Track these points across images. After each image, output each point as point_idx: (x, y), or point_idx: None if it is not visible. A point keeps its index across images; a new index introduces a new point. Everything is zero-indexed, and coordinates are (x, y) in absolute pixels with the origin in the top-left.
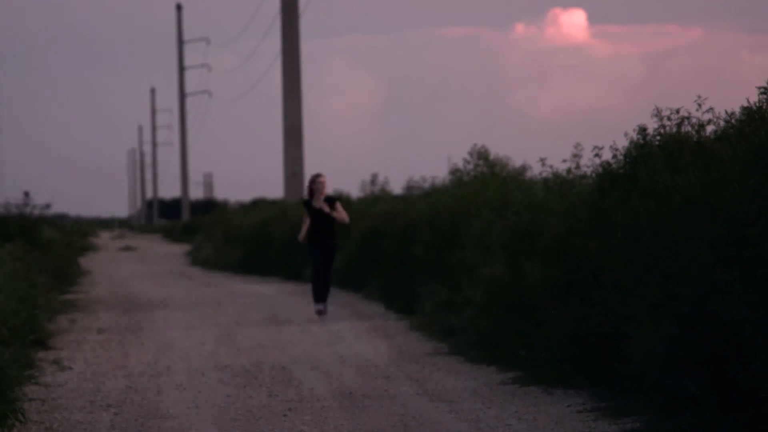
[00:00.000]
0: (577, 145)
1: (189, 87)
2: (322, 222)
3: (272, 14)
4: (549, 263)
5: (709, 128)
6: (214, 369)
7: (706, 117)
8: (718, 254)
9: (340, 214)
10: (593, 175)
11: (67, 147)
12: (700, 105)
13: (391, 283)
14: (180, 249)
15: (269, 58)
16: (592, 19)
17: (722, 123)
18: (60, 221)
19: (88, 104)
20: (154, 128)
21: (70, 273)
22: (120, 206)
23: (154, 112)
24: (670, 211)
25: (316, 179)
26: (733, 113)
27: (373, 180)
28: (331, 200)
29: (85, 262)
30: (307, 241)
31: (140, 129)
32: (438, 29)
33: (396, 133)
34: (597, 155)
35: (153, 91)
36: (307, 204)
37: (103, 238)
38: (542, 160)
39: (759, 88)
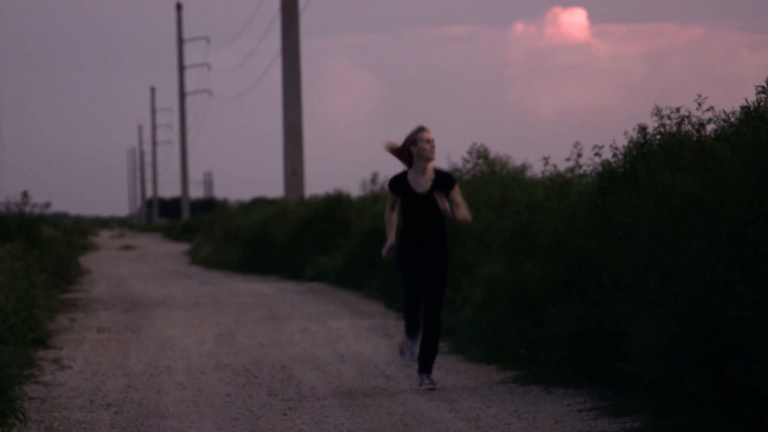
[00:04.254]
0: (576, 144)
1: (189, 86)
2: (429, 216)
3: (272, 13)
4: (549, 262)
5: (710, 127)
6: (214, 368)
7: (706, 116)
8: (718, 253)
9: (461, 209)
10: (593, 174)
11: (67, 146)
12: (700, 104)
13: (391, 282)
14: (180, 248)
15: (269, 57)
16: (592, 18)
17: (722, 122)
18: (60, 220)
19: (88, 103)
20: (154, 127)
21: (69, 272)
22: (120, 205)
23: (154, 111)
24: (670, 210)
25: (418, 136)
26: (733, 112)
27: (374, 179)
28: (445, 181)
29: (85, 261)
30: (398, 249)
31: (140, 128)
32: (438, 28)
33: (396, 132)
34: (597, 154)
35: (153, 90)
36: (400, 183)
37: (103, 237)
38: (545, 159)
39: (757, 87)
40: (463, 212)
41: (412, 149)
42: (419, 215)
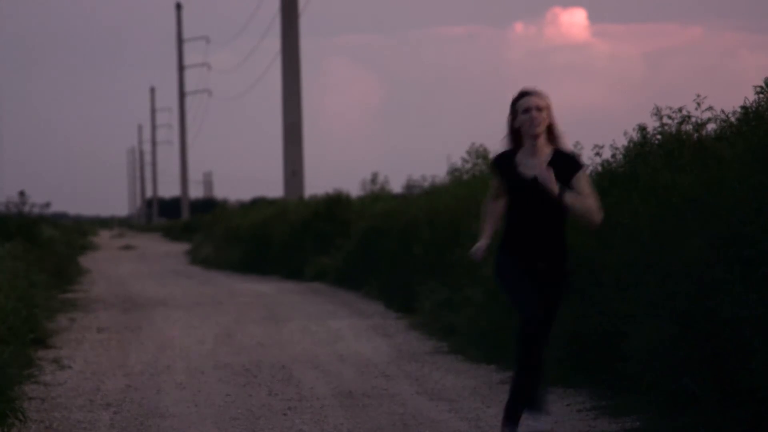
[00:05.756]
0: (576, 144)
1: (189, 86)
2: (542, 211)
3: (272, 13)
4: None
5: (710, 127)
6: (214, 368)
7: (706, 116)
8: (718, 253)
9: (586, 200)
10: (593, 173)
11: (67, 146)
12: (699, 104)
13: (390, 281)
14: (179, 248)
15: (269, 57)
16: (592, 18)
17: (722, 122)
18: (60, 220)
19: (88, 103)
20: (153, 127)
21: (69, 272)
22: (120, 205)
23: (153, 111)
24: (670, 210)
25: (518, 104)
26: (733, 112)
27: (374, 179)
28: (566, 164)
29: (85, 260)
30: (499, 256)
31: (140, 128)
32: (437, 28)
33: (396, 132)
34: (597, 154)
35: (153, 90)
36: (506, 162)
37: (103, 236)
38: None
39: (755, 87)
40: (585, 203)
41: (518, 120)
42: (528, 209)
